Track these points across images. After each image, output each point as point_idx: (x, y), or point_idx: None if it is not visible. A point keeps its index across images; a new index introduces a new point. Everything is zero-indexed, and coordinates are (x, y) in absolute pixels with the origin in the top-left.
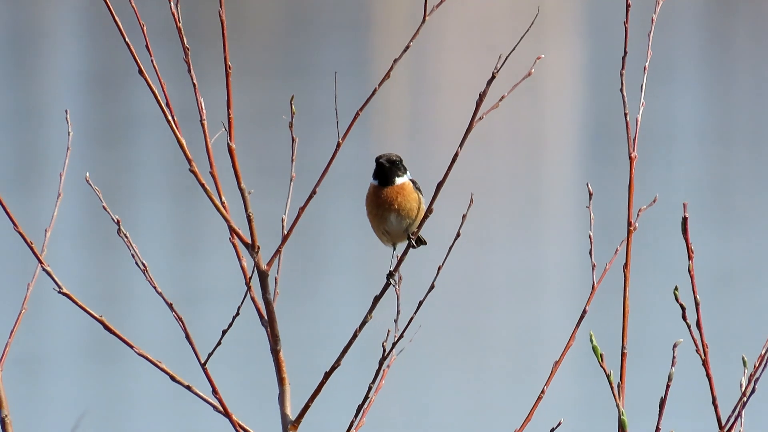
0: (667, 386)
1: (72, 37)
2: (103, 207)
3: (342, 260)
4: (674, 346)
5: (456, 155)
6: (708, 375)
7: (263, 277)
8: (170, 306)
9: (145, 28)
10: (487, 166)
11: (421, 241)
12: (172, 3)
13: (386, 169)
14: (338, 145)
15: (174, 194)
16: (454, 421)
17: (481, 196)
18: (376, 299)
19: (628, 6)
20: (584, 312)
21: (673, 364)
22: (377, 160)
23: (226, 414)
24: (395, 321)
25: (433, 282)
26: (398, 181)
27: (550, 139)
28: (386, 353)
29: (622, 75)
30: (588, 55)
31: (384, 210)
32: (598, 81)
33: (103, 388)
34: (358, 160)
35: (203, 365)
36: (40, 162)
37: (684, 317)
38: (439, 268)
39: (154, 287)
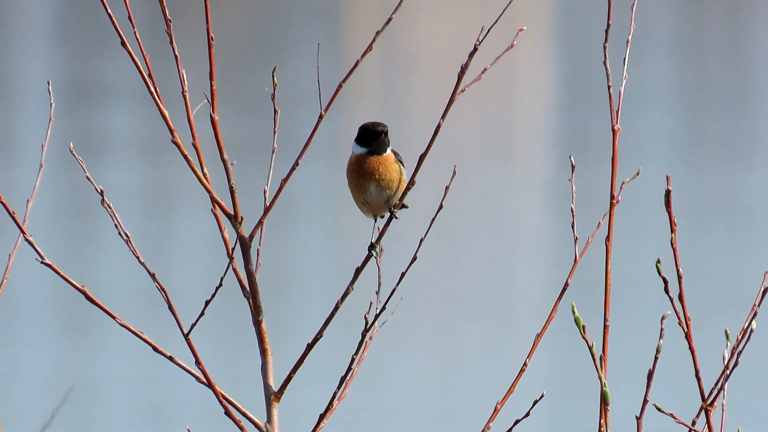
0: (655, 359)
1: (52, 8)
2: (87, 177)
3: (324, 232)
4: (662, 318)
5: (438, 127)
6: (691, 348)
7: (246, 248)
8: (153, 276)
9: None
10: (467, 139)
11: (402, 206)
12: None
13: (382, 139)
14: (320, 116)
15: (153, 165)
16: (434, 394)
17: (461, 169)
18: (358, 271)
19: None
20: (566, 284)
21: (660, 337)
22: (375, 129)
23: (210, 385)
24: (377, 293)
25: (415, 254)
26: (387, 151)
27: (531, 113)
28: (368, 325)
29: (605, 47)
30: (570, 27)
31: (365, 179)
32: (580, 53)
33: (80, 358)
34: (337, 132)
35: (186, 336)
36: (17, 131)
37: (666, 290)
38: (422, 240)
39: (137, 257)
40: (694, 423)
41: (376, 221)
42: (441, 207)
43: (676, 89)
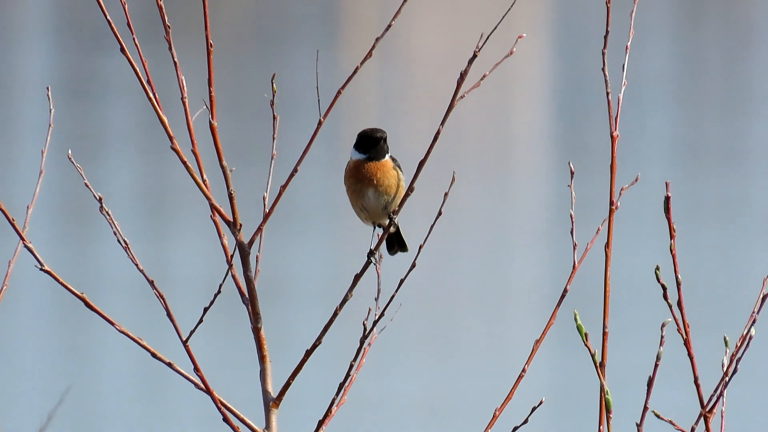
0: (656, 366)
1: (52, 12)
2: (86, 184)
3: (323, 238)
4: (662, 325)
5: (438, 133)
6: (690, 355)
7: (245, 254)
8: (151, 283)
9: (126, 5)
10: (465, 146)
11: (402, 246)
12: None
13: (381, 145)
14: (320, 123)
15: (152, 171)
16: (432, 400)
17: (459, 175)
18: (357, 277)
19: None
20: (565, 291)
21: (661, 344)
22: (373, 135)
23: (208, 392)
24: (376, 299)
25: (414, 260)
26: (385, 157)
27: (530, 120)
28: (367, 331)
29: (603, 54)
30: (568, 34)
31: (363, 185)
32: (579, 60)
33: (79, 364)
34: (336, 139)
35: (185, 343)
36: (17, 136)
37: (665, 297)
38: (420, 247)
39: (136, 264)
40: (693, 430)
41: (375, 228)
42: (440, 213)
43: (674, 94)
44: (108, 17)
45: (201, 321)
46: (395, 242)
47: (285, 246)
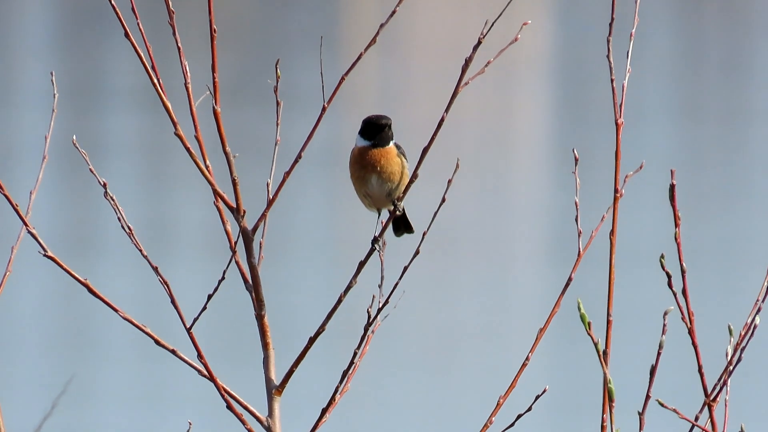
0: (658, 354)
1: (55, 1)
2: (90, 170)
3: (326, 226)
4: (665, 314)
5: (442, 120)
6: (694, 343)
7: (248, 241)
8: (156, 269)
9: None
10: (469, 132)
11: (408, 228)
12: None
13: (386, 132)
14: (323, 109)
15: (155, 158)
16: (436, 388)
17: (463, 162)
18: (361, 264)
19: None
20: (570, 279)
21: (663, 332)
22: (378, 122)
23: (212, 379)
24: (380, 286)
25: (417, 248)
26: (389, 144)
27: (534, 107)
28: (371, 319)
29: (608, 41)
30: (573, 20)
31: (366, 172)
32: (583, 47)
33: (82, 351)
34: (337, 127)
35: (188, 329)
36: (20, 124)
37: (670, 285)
38: (424, 234)
39: (140, 250)
40: (697, 418)
41: (379, 215)
42: (444, 200)
43: (677, 83)
44: (112, 2)
45: (205, 308)
46: (401, 224)
47: (289, 233)
